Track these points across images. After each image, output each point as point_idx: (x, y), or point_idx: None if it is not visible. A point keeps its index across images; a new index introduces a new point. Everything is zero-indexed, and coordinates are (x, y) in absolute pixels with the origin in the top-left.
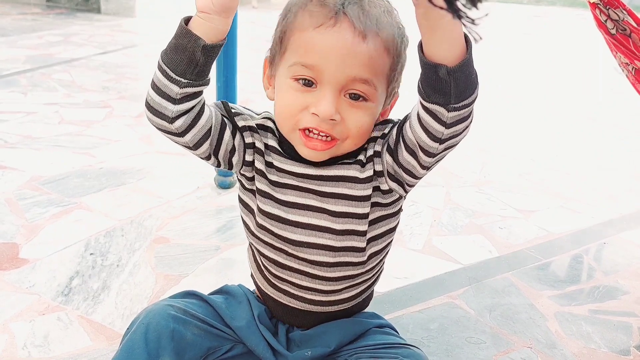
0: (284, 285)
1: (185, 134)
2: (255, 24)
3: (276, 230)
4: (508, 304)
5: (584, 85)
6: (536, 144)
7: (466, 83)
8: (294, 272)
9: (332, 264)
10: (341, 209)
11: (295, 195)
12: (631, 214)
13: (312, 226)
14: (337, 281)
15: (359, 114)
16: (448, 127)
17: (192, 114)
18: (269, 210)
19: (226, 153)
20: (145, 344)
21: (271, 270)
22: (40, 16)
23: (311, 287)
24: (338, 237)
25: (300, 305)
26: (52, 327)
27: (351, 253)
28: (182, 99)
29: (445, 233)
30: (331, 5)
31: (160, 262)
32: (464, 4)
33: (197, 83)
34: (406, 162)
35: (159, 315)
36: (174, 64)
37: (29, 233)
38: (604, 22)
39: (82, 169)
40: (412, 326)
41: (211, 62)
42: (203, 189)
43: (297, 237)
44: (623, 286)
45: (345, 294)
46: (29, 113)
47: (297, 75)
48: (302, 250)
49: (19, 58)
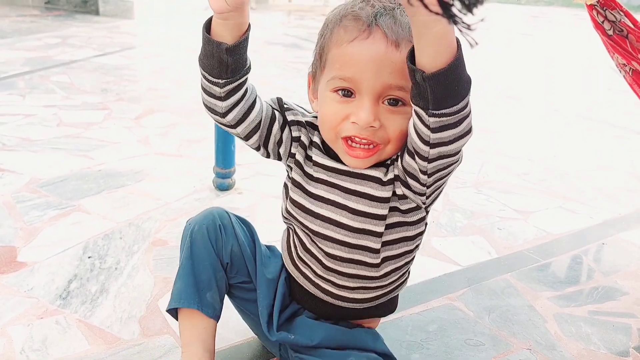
0: (305, 268)
1: (237, 126)
2: (254, 24)
3: (300, 219)
4: (507, 306)
5: (582, 85)
6: (535, 144)
7: (445, 92)
8: (314, 258)
9: (346, 259)
10: (361, 208)
11: (323, 189)
12: (630, 214)
13: (331, 220)
14: (350, 278)
15: (398, 119)
16: (433, 131)
17: (244, 108)
18: (296, 199)
19: (274, 145)
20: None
21: (298, 251)
22: (39, 18)
23: (326, 278)
24: (354, 235)
25: (315, 292)
26: (50, 331)
27: (365, 252)
28: (227, 95)
29: (444, 234)
30: (364, 18)
31: (159, 264)
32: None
33: (235, 78)
34: (408, 165)
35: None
36: (209, 69)
37: (27, 236)
38: (601, 23)
39: (81, 172)
40: (411, 328)
41: (241, 57)
42: (201, 191)
43: (316, 228)
44: (622, 287)
45: (357, 294)
46: (27, 115)
47: (336, 88)
48: (319, 241)
49: (17, 60)
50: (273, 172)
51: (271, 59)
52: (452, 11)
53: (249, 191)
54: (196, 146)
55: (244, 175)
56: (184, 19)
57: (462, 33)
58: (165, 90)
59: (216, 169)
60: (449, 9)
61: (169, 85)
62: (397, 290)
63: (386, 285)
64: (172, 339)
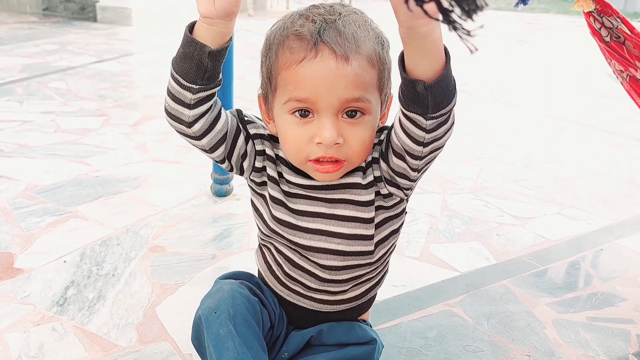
0: (295, 285)
1: (203, 138)
2: (251, 31)
3: (287, 236)
4: (506, 312)
5: (579, 91)
6: (532, 150)
7: (443, 95)
8: (305, 272)
9: (341, 267)
10: (349, 213)
11: (306, 204)
12: (628, 220)
13: (322, 232)
14: (346, 282)
15: (359, 131)
16: (428, 132)
17: (210, 119)
18: (280, 217)
19: (238, 158)
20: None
21: (284, 269)
22: (37, 25)
23: (320, 289)
24: (347, 242)
25: (309, 305)
26: (47, 338)
27: (360, 257)
28: (196, 103)
29: (442, 240)
30: (308, 37)
31: (156, 271)
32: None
33: (209, 87)
34: (397, 166)
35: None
36: (184, 72)
37: (24, 242)
38: (597, 29)
39: (78, 178)
40: (410, 335)
41: (220, 65)
42: (199, 197)
43: (307, 242)
44: (621, 293)
45: (351, 293)
46: (24, 122)
47: (293, 109)
48: (312, 255)
49: (15, 67)
50: None
51: None
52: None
53: (247, 197)
54: (194, 152)
55: (241, 181)
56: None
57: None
58: (162, 97)
59: (214, 175)
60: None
61: None
62: (384, 278)
63: (377, 276)
64: (170, 346)
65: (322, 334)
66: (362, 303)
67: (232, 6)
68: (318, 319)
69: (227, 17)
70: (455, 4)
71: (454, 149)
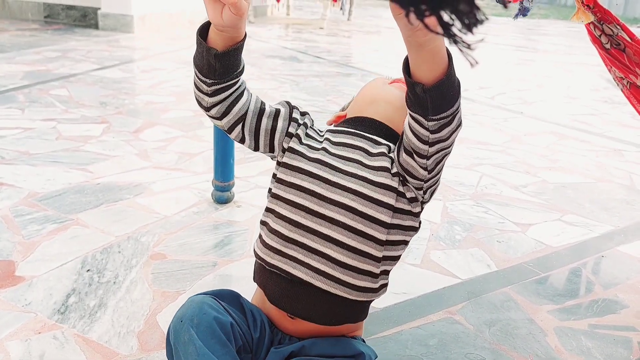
0: (293, 249)
1: (222, 119)
2: (252, 38)
3: (305, 185)
4: (507, 319)
5: (579, 97)
6: (532, 156)
7: (442, 100)
8: (308, 232)
9: (350, 227)
10: (364, 173)
11: (331, 158)
12: (629, 227)
13: (342, 187)
14: (348, 251)
15: None
16: (432, 132)
17: (225, 104)
18: (301, 166)
19: (266, 135)
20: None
21: (283, 233)
22: (39, 32)
23: (321, 252)
24: (365, 202)
25: (304, 275)
26: (48, 346)
27: (374, 225)
28: (213, 93)
29: (443, 247)
30: None
31: (157, 278)
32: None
33: (222, 81)
34: (406, 163)
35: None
36: (199, 68)
37: (26, 250)
38: (598, 37)
39: (79, 185)
40: (411, 342)
41: (230, 65)
42: (200, 205)
43: (325, 193)
44: (622, 300)
45: (348, 276)
46: (26, 129)
47: None
48: (325, 206)
49: (16, 74)
50: None
51: (269, 71)
52: (452, 31)
53: (248, 204)
54: (195, 159)
55: (242, 188)
56: (182, 33)
57: (462, 53)
58: (164, 104)
59: (215, 182)
60: (449, 28)
61: (167, 98)
62: (380, 290)
63: (376, 276)
64: None
65: (304, 349)
66: (356, 307)
67: (238, 19)
68: (310, 298)
69: (235, 26)
70: (456, 17)
71: (454, 155)
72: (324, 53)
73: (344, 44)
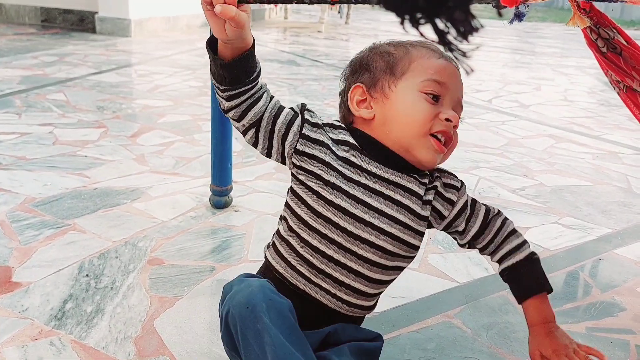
0: (322, 280)
1: (239, 122)
2: None
3: (338, 221)
4: (505, 323)
5: (576, 99)
6: (529, 159)
7: None
8: (339, 266)
9: (378, 264)
10: (404, 220)
11: (365, 194)
12: (627, 230)
13: (375, 227)
14: (372, 283)
15: (457, 131)
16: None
17: (241, 108)
18: (335, 201)
19: (279, 141)
20: None
21: (313, 263)
22: (36, 36)
23: (349, 285)
24: (395, 243)
25: (331, 304)
26: (45, 352)
27: (398, 259)
28: (228, 98)
29: (440, 251)
30: (437, 49)
31: (155, 284)
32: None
33: (234, 88)
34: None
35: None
36: (212, 75)
37: (22, 256)
38: (594, 40)
39: (76, 190)
40: (409, 347)
41: (239, 73)
42: (198, 209)
43: (357, 232)
44: (620, 303)
45: (365, 302)
46: (23, 134)
47: (427, 90)
48: (357, 244)
49: (13, 78)
50: (270, 189)
51: (266, 75)
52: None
53: (246, 209)
54: (192, 164)
55: (240, 192)
56: (180, 37)
57: (458, 60)
58: (161, 108)
59: (213, 187)
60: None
61: (165, 103)
62: (371, 308)
63: (380, 283)
64: None
65: (336, 332)
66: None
67: (240, 31)
68: (327, 316)
69: (239, 37)
70: (451, 25)
71: (451, 158)
72: (322, 56)
73: (341, 48)
